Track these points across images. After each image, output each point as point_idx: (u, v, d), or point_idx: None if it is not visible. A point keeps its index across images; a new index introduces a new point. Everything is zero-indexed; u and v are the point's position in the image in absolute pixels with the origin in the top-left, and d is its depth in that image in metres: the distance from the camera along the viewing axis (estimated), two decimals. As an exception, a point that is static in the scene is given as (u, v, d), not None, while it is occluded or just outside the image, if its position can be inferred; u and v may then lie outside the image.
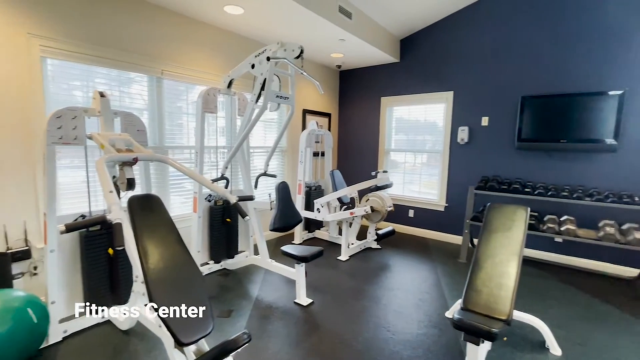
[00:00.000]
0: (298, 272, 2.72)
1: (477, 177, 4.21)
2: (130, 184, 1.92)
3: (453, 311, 2.55)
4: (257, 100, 2.75)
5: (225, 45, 3.70)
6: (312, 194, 4.45)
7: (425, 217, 4.78)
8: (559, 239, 3.52)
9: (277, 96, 2.63)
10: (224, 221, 3.27)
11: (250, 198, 2.81)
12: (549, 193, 3.32)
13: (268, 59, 2.53)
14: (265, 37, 3.88)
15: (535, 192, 3.38)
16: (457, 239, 4.44)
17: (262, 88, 2.60)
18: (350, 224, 4.09)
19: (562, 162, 3.68)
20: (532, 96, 3.67)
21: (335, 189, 4.19)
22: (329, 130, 5.43)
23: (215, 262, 3.29)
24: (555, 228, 3.27)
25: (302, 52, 2.50)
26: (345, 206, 4.27)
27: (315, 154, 4.96)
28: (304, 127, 4.82)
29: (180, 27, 3.26)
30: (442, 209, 4.58)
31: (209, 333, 1.57)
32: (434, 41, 4.48)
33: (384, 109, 5.06)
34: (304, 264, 2.70)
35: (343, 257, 3.76)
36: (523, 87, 3.85)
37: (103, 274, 2.29)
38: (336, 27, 3.44)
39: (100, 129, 2.22)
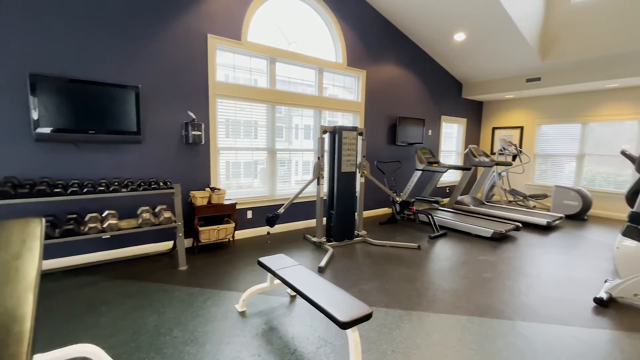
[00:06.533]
0: None
1: (-21, 182, 2.92)
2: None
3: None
4: None
5: None
6: None
7: None
8: (106, 236, 3.34)
9: None
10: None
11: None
12: (85, 190, 2.96)
13: None
14: None
15: (69, 192, 2.88)
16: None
17: None
18: None
19: (95, 154, 3.44)
20: (47, 76, 3.00)
21: None
22: None
23: None
24: (98, 226, 3.02)
25: None
26: None
27: None
28: None
29: None
30: None
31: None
32: None
33: None
34: None
35: None
36: (31, 62, 3.05)
37: None
38: None
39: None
